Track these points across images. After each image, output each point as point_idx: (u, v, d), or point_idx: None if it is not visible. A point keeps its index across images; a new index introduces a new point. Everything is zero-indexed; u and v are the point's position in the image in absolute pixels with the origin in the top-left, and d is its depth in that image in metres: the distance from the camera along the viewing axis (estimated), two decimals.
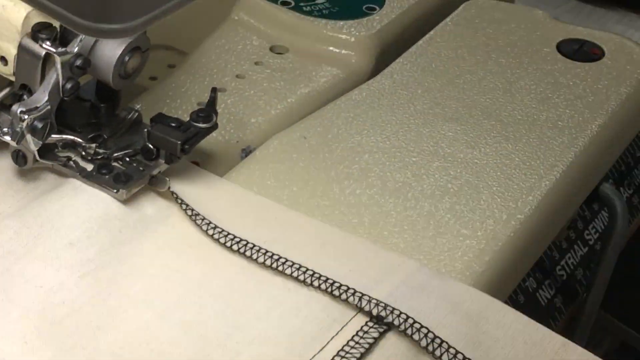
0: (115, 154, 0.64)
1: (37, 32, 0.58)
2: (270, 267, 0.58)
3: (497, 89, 0.78)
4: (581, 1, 1.39)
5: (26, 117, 0.58)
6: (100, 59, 0.60)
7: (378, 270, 0.59)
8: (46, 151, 0.62)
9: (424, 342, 0.54)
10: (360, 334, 0.55)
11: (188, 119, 0.64)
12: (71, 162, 0.63)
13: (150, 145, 0.63)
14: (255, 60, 0.81)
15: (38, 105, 0.58)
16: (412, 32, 0.85)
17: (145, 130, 0.63)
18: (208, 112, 0.64)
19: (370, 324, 0.55)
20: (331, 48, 0.82)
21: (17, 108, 0.58)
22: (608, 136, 0.75)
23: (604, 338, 1.22)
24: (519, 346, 0.55)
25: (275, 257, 0.59)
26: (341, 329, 0.55)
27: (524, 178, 0.69)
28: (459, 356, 0.53)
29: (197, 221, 0.61)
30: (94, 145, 0.64)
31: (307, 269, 0.58)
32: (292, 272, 0.58)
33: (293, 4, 0.85)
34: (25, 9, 0.59)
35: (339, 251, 0.60)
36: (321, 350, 0.54)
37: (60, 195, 0.61)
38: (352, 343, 0.54)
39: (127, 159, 0.64)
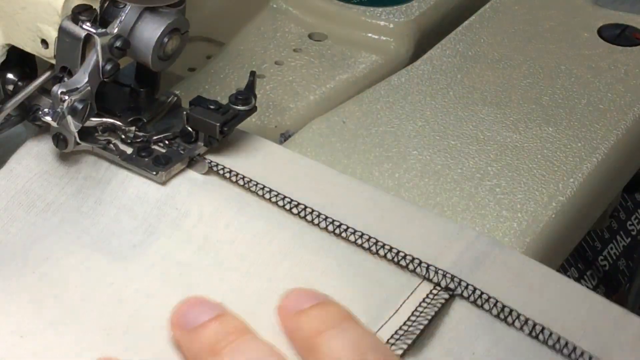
0: (155, 137, 0.64)
1: (77, 14, 0.58)
2: (332, 232, 0.58)
3: (537, 73, 0.77)
4: None
5: (66, 97, 0.58)
6: (140, 41, 0.60)
7: (438, 238, 0.58)
8: (86, 134, 0.63)
9: (494, 311, 0.54)
10: (430, 296, 0.55)
11: (227, 102, 0.64)
12: (111, 145, 0.63)
13: (189, 128, 0.63)
14: (294, 47, 0.81)
15: (78, 87, 0.59)
16: (450, 19, 0.85)
17: (185, 112, 0.63)
18: (247, 94, 0.64)
19: (438, 288, 0.55)
20: (370, 35, 0.82)
21: (57, 89, 0.58)
22: None
23: None
24: (583, 313, 0.55)
25: (337, 223, 0.58)
26: (411, 293, 0.55)
27: (565, 161, 0.68)
28: (530, 322, 0.53)
29: (251, 188, 0.60)
30: (133, 128, 0.64)
31: (370, 237, 0.57)
32: (355, 240, 0.57)
33: None
34: None
35: (397, 218, 0.59)
36: (395, 312, 0.54)
37: (112, 198, 0.61)
38: (423, 304, 0.54)
39: (167, 142, 0.64)
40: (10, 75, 0.64)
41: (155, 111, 0.66)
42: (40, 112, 0.59)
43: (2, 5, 0.60)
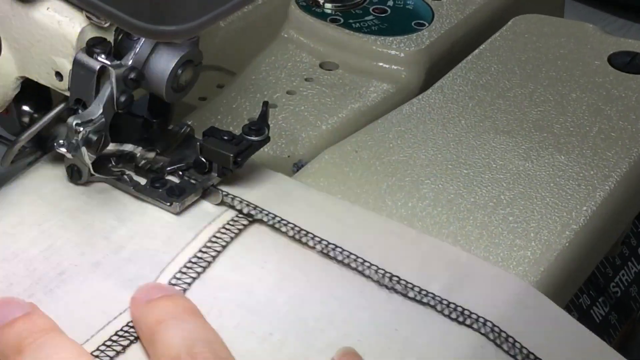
0: (169, 168, 0.64)
1: (92, 46, 0.59)
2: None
3: (548, 101, 0.77)
4: (629, 20, 1.38)
5: (81, 129, 0.58)
6: (154, 72, 0.60)
7: (248, 181, 0.64)
8: (100, 166, 0.63)
9: (291, 233, 0.60)
10: (232, 222, 0.60)
11: (240, 133, 0.64)
12: (125, 176, 0.64)
13: (203, 159, 0.63)
14: (306, 76, 0.81)
15: (93, 118, 0.59)
16: (461, 47, 0.85)
17: (198, 143, 0.63)
18: (260, 125, 0.64)
19: (241, 215, 0.61)
20: (381, 64, 0.82)
21: (72, 120, 0.58)
22: None
23: None
24: (376, 231, 0.62)
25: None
26: (213, 220, 0.61)
27: (578, 189, 0.68)
28: (324, 242, 0.59)
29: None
30: (152, 154, 0.64)
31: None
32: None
33: (342, 20, 0.86)
34: (80, 24, 0.59)
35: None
36: (194, 238, 0.59)
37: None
38: (223, 230, 0.60)
39: (180, 173, 0.64)
40: (25, 107, 0.64)
41: (169, 142, 0.66)
42: (55, 144, 0.59)
43: (17, 38, 0.61)
